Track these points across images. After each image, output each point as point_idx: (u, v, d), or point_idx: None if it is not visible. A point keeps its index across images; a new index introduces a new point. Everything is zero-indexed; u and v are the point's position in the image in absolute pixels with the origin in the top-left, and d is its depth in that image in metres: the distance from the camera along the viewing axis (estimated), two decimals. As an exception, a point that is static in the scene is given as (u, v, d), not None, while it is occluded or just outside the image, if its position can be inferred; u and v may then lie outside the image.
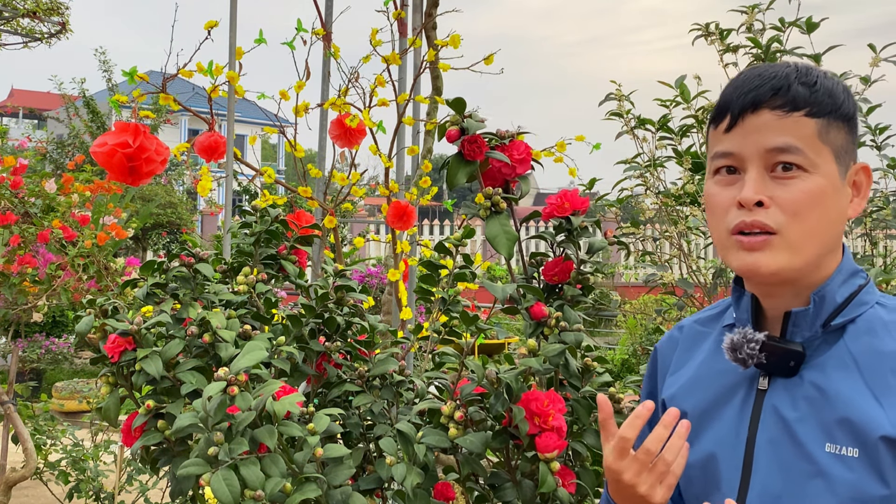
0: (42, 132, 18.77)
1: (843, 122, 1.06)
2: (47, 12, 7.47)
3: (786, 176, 1.03)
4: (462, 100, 1.65)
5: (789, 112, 1.03)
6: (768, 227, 1.02)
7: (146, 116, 13.54)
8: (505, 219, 1.62)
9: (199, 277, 1.76)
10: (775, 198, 1.03)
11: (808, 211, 1.02)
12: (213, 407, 1.32)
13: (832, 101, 1.05)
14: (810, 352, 1.07)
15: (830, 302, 1.07)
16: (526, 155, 1.66)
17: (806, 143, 1.03)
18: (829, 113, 1.04)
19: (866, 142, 2.91)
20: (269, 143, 42.68)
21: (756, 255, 1.03)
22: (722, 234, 1.08)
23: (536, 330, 1.60)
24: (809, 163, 1.03)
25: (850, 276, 1.09)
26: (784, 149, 1.03)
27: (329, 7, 2.73)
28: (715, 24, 3.10)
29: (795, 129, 1.03)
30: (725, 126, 1.08)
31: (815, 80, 1.05)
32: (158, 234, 14.27)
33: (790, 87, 1.04)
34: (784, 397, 1.07)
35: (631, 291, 10.30)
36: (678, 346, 1.27)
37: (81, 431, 4.51)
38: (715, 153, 1.09)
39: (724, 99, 1.09)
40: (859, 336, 1.06)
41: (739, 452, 1.08)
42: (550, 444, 1.41)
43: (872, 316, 1.07)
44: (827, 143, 1.04)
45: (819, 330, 1.07)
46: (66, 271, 3.50)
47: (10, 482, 3.34)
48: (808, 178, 1.03)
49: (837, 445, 1.01)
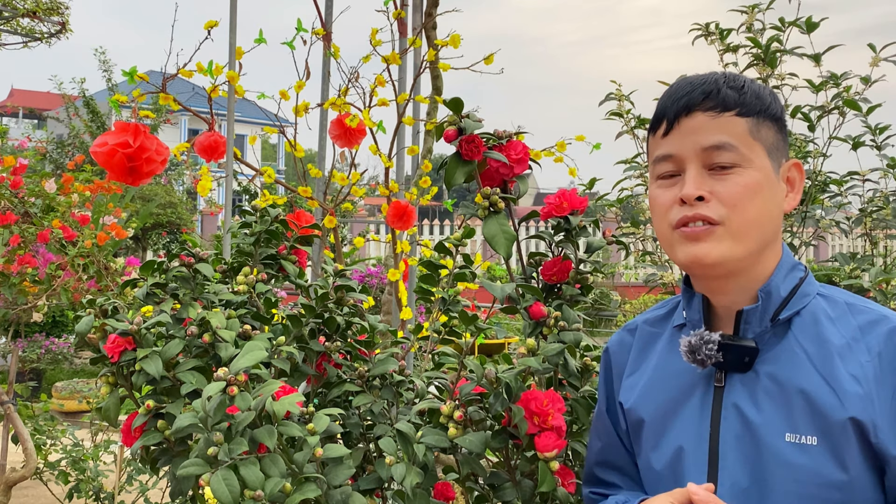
0: (42, 132, 18.78)
1: (771, 121, 1.12)
2: (47, 12, 7.47)
3: (723, 172, 1.09)
4: (460, 100, 1.64)
5: (720, 112, 1.10)
6: (710, 218, 1.08)
7: (146, 116, 13.55)
8: (503, 219, 1.62)
9: (199, 277, 1.76)
10: (715, 192, 1.09)
11: (747, 202, 1.08)
12: (213, 407, 1.32)
13: (760, 101, 1.12)
14: (762, 346, 1.11)
15: (776, 296, 1.12)
16: (524, 155, 1.66)
17: (739, 140, 1.09)
18: (758, 113, 1.11)
19: (866, 142, 2.91)
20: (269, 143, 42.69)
21: (700, 245, 1.09)
22: (665, 230, 1.13)
23: (535, 329, 1.59)
24: (744, 158, 1.09)
25: (790, 270, 1.15)
26: (719, 146, 1.09)
27: (329, 7, 2.73)
28: (715, 23, 3.10)
29: (728, 128, 1.09)
30: (663, 131, 1.14)
31: (743, 84, 1.13)
32: (158, 234, 14.27)
33: (720, 91, 1.11)
34: (742, 392, 1.11)
35: (631, 291, 10.30)
36: (632, 347, 1.31)
37: (81, 431, 4.51)
38: (655, 157, 1.15)
39: (660, 107, 1.16)
40: (806, 327, 1.11)
41: (704, 449, 1.12)
42: (550, 443, 1.41)
43: (816, 307, 1.12)
44: (758, 139, 1.10)
45: (768, 324, 1.12)
46: (66, 271, 3.50)
47: (10, 482, 3.34)
48: (744, 172, 1.09)
49: (797, 434, 1.05)
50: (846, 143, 2.94)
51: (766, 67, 2.97)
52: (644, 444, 1.22)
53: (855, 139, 2.91)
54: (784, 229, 3.04)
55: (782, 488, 1.05)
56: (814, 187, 2.96)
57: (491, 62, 2.34)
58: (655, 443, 1.19)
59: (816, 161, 2.99)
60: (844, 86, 2.89)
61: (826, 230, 3.15)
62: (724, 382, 1.13)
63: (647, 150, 1.21)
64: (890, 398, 1.03)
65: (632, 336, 1.32)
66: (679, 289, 1.23)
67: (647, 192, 3.04)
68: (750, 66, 3.03)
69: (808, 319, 1.11)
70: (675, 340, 1.21)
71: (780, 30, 2.96)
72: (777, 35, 2.96)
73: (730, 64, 3.10)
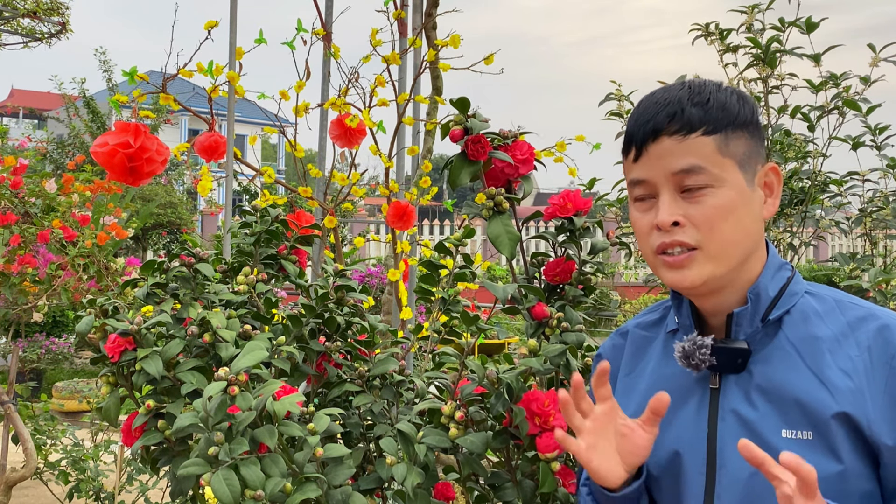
0: (42, 132, 18.77)
1: (742, 130, 1.11)
2: (47, 12, 7.47)
3: (696, 195, 1.09)
4: (466, 99, 1.64)
5: (686, 135, 1.09)
6: (688, 243, 1.09)
7: (146, 116, 13.55)
8: (507, 219, 1.62)
9: (200, 277, 1.76)
10: (689, 216, 1.09)
11: (721, 223, 1.08)
12: (214, 407, 1.32)
13: (726, 114, 1.10)
14: (754, 347, 1.13)
15: (765, 297, 1.13)
16: (529, 155, 1.66)
17: (708, 161, 1.09)
18: (726, 126, 1.10)
19: (866, 142, 2.91)
20: (269, 143, 42.69)
21: (682, 272, 1.10)
22: (648, 254, 1.15)
23: (538, 330, 1.59)
24: (714, 178, 1.09)
25: (777, 270, 1.16)
26: (688, 170, 1.09)
27: (329, 7, 2.73)
28: (715, 24, 3.10)
29: (696, 150, 1.09)
30: (633, 156, 1.14)
31: (708, 97, 1.11)
32: (158, 234, 14.27)
33: (684, 111, 1.10)
34: (737, 393, 1.13)
35: (631, 291, 10.30)
36: (624, 350, 1.33)
37: (81, 431, 4.52)
38: (629, 181, 1.17)
39: (629, 130, 1.16)
40: (796, 325, 1.12)
41: (702, 451, 1.14)
42: (551, 444, 1.41)
43: (805, 305, 1.13)
44: (728, 155, 1.10)
45: (759, 325, 1.13)
46: (66, 271, 3.50)
47: (11, 482, 3.34)
48: (716, 193, 1.08)
49: (793, 430, 1.07)
50: (846, 143, 2.94)
51: (765, 67, 2.97)
52: None
53: (855, 139, 2.91)
54: (784, 229, 3.04)
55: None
56: (814, 187, 2.96)
57: (491, 62, 2.34)
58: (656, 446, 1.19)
59: (816, 161, 2.99)
60: (844, 86, 2.89)
61: (826, 230, 3.15)
62: (720, 384, 1.14)
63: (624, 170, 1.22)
64: (881, 392, 1.05)
65: (624, 339, 1.34)
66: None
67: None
68: (750, 66, 3.03)
69: (798, 317, 1.12)
70: (670, 346, 1.23)
71: (779, 30, 2.96)
72: (777, 35, 2.96)
73: (730, 64, 3.10)
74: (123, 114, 2.32)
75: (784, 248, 3.00)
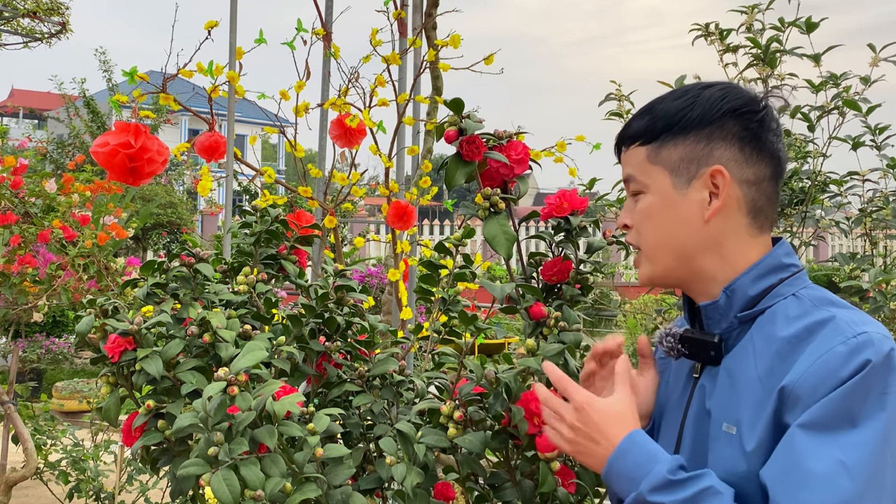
0: (42, 132, 18.78)
1: (680, 136, 1.16)
2: (47, 12, 7.47)
3: (636, 200, 1.22)
4: (460, 100, 1.64)
5: (628, 147, 1.22)
6: (634, 244, 1.23)
7: (146, 116, 13.55)
8: (503, 219, 1.62)
9: (200, 277, 1.76)
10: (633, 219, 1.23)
11: (644, 226, 1.20)
12: (213, 407, 1.32)
13: (665, 122, 1.17)
14: (729, 342, 1.18)
15: (742, 295, 1.16)
16: (524, 155, 1.66)
17: (637, 170, 1.20)
18: (660, 134, 1.17)
19: (866, 142, 2.91)
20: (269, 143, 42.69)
21: (638, 270, 1.25)
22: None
23: (535, 330, 1.60)
24: (643, 185, 1.19)
25: (770, 271, 1.17)
26: (626, 179, 1.23)
27: (329, 7, 2.73)
28: (715, 24, 3.10)
29: (631, 160, 1.21)
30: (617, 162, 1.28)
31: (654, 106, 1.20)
32: (158, 234, 14.28)
33: (631, 125, 1.21)
34: (706, 382, 1.20)
35: (631, 291, 10.31)
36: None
37: (81, 431, 4.51)
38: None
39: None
40: (763, 325, 1.15)
41: (674, 434, 1.23)
42: (550, 444, 1.41)
43: (780, 307, 1.15)
44: (658, 162, 1.18)
45: (735, 321, 1.17)
46: (66, 271, 3.50)
47: (11, 482, 3.34)
48: (643, 199, 1.20)
49: (728, 424, 1.13)
50: (846, 143, 2.94)
51: (765, 67, 2.97)
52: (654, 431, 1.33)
53: (855, 139, 2.91)
54: (784, 229, 3.04)
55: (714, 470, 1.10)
56: (814, 187, 2.96)
57: (491, 62, 2.34)
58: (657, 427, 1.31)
59: (816, 161, 2.99)
60: (844, 86, 2.89)
61: (826, 230, 3.15)
62: (700, 375, 1.21)
63: None
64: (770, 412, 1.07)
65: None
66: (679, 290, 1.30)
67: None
68: (749, 66, 3.03)
69: (768, 318, 1.15)
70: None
71: (779, 30, 2.96)
72: (777, 35, 2.96)
73: (729, 64, 3.10)
74: (123, 114, 2.32)
75: (784, 248, 2.99)
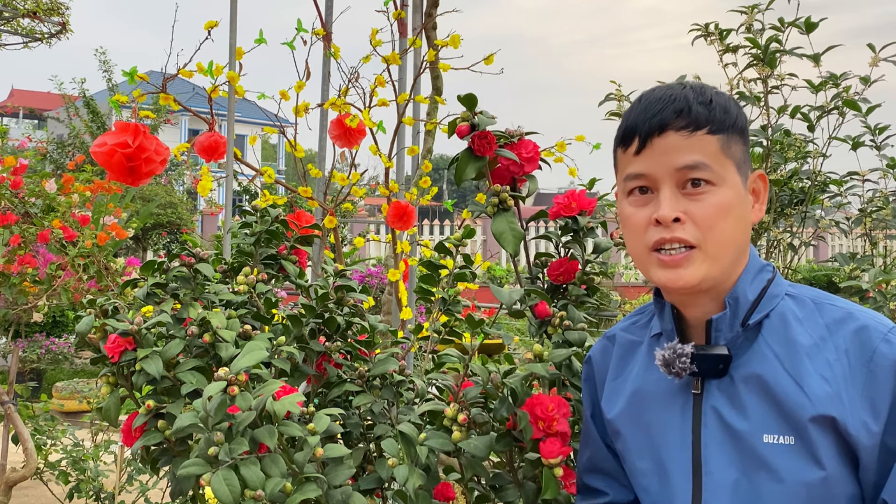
0: (42, 132, 18.78)
1: (738, 135, 1.13)
2: (47, 12, 7.47)
3: (696, 192, 1.09)
4: (473, 96, 1.65)
5: (693, 132, 1.09)
6: (687, 241, 1.09)
7: (146, 116, 13.54)
8: (512, 216, 1.62)
9: (200, 277, 1.76)
10: (689, 213, 1.09)
11: (720, 223, 1.09)
12: (213, 407, 1.32)
13: (728, 116, 1.12)
14: (735, 351, 1.13)
15: (744, 302, 1.13)
16: (534, 154, 1.66)
17: (712, 159, 1.09)
18: (728, 128, 1.11)
19: (866, 142, 2.92)
20: (269, 143, 42.69)
21: (678, 271, 1.10)
22: (641, 251, 1.14)
23: (540, 329, 1.60)
24: (717, 177, 1.09)
25: (757, 273, 1.16)
26: (693, 166, 1.09)
27: (329, 7, 2.73)
28: (714, 24, 3.10)
29: (701, 147, 1.09)
30: (635, 149, 1.13)
31: (710, 98, 1.12)
32: (158, 234, 14.27)
33: (691, 109, 1.10)
34: (719, 398, 1.13)
35: (631, 291, 10.29)
36: (612, 354, 1.33)
37: (81, 431, 4.51)
38: (627, 175, 1.15)
39: (631, 123, 1.14)
40: (775, 330, 1.12)
41: (687, 456, 1.14)
42: (555, 449, 1.40)
43: (784, 309, 1.13)
44: (729, 156, 1.11)
45: (739, 330, 1.13)
46: (66, 271, 3.50)
47: (11, 482, 3.34)
48: (717, 192, 1.09)
49: (774, 435, 1.07)
50: (846, 144, 2.94)
51: (765, 67, 2.97)
52: (629, 454, 1.24)
53: (854, 139, 2.91)
54: (784, 229, 3.04)
55: (766, 489, 1.07)
56: (814, 187, 2.96)
57: (491, 62, 2.34)
58: (640, 453, 1.21)
59: (816, 161, 2.99)
60: (844, 86, 2.89)
61: (826, 230, 3.15)
62: (702, 390, 1.14)
63: (615, 163, 1.21)
64: (859, 394, 1.05)
65: (612, 343, 1.35)
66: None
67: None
68: (749, 66, 3.03)
69: (777, 322, 1.13)
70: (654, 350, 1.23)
71: (779, 30, 2.96)
72: (776, 35, 2.96)
73: (729, 64, 3.10)
74: (123, 114, 2.32)
75: (784, 248, 3.00)
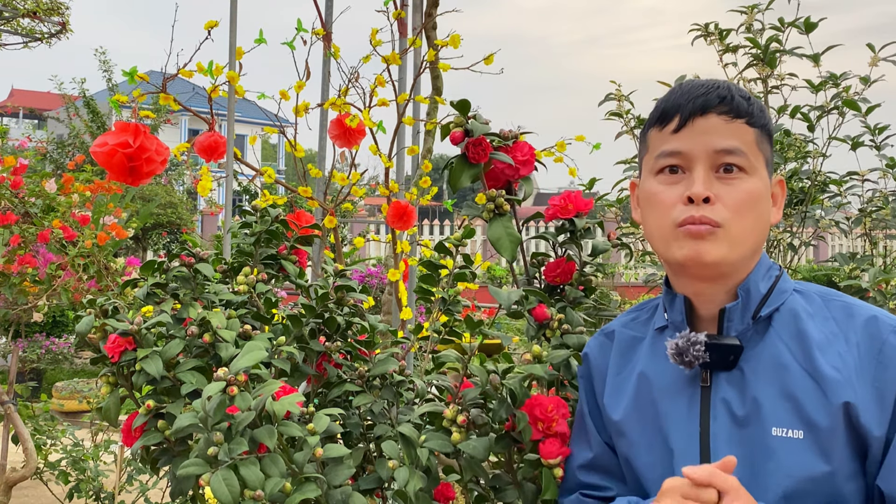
0: (42, 132, 18.78)
1: (768, 137, 1.17)
2: (47, 12, 7.48)
3: (728, 177, 1.12)
4: (467, 101, 1.64)
5: (734, 118, 1.13)
6: (714, 221, 1.11)
7: (146, 116, 13.55)
8: (508, 221, 1.61)
9: (200, 277, 1.76)
10: (720, 195, 1.12)
11: (748, 209, 1.12)
12: (213, 407, 1.32)
13: (763, 116, 1.16)
14: (745, 344, 1.14)
15: (755, 294, 1.15)
16: (530, 156, 1.66)
17: (748, 148, 1.13)
18: (762, 126, 1.16)
19: (865, 142, 2.91)
20: (269, 143, 42.70)
21: (701, 244, 1.11)
22: (666, 228, 1.15)
23: (539, 332, 1.59)
24: (750, 165, 1.13)
25: (767, 269, 1.19)
26: (731, 150, 1.12)
27: (329, 7, 2.73)
28: (714, 24, 3.10)
29: (740, 135, 1.13)
30: (674, 127, 1.15)
31: (748, 95, 1.16)
32: (158, 234, 14.27)
33: (733, 98, 1.14)
34: (729, 390, 1.13)
35: (631, 291, 10.29)
36: (612, 350, 1.33)
37: (81, 431, 4.51)
38: (661, 152, 1.17)
39: (671, 103, 1.17)
40: (786, 324, 1.14)
41: (695, 449, 1.14)
42: (554, 450, 1.40)
43: (793, 303, 1.16)
44: (762, 151, 1.15)
45: (750, 322, 1.14)
46: (66, 271, 3.50)
47: (11, 482, 3.34)
48: (749, 180, 1.13)
49: (783, 429, 1.08)
50: (846, 143, 2.94)
51: (765, 67, 2.97)
52: (633, 449, 1.23)
53: (854, 139, 2.91)
54: (784, 229, 3.04)
55: (773, 482, 1.07)
56: (813, 187, 2.96)
57: (491, 62, 2.34)
58: (646, 447, 1.21)
59: (816, 161, 2.99)
60: (844, 86, 2.89)
61: (826, 230, 3.15)
62: (710, 382, 1.15)
63: (647, 143, 1.22)
64: (869, 384, 1.07)
65: (610, 339, 1.35)
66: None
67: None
68: (749, 66, 3.03)
69: (788, 316, 1.14)
70: (658, 344, 1.23)
71: (779, 30, 2.96)
72: (776, 35, 2.96)
73: (729, 64, 3.10)
74: (123, 114, 2.32)
75: (784, 248, 3.00)
